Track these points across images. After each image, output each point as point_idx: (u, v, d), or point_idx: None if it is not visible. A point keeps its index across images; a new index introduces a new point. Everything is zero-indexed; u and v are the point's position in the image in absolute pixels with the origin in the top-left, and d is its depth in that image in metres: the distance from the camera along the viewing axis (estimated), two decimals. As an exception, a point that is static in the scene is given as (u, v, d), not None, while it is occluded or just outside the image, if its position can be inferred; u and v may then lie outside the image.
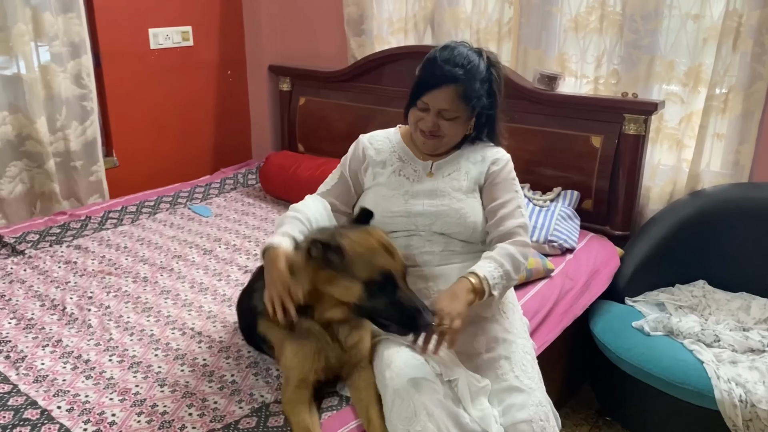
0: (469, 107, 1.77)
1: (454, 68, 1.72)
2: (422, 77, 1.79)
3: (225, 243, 2.67)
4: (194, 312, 2.12)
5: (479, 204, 1.83)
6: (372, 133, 1.97)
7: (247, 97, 3.90)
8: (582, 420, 2.53)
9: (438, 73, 1.74)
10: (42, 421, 1.56)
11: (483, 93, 1.78)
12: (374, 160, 1.89)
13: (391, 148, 1.92)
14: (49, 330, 1.99)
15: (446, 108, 1.75)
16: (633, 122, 2.57)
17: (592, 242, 2.62)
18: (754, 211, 2.46)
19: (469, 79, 1.73)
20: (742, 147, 2.53)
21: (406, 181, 1.86)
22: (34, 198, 3.04)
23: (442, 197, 1.82)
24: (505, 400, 1.63)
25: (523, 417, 1.59)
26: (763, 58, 2.40)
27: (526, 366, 1.71)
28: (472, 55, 1.76)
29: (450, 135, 1.81)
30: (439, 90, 1.73)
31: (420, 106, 1.78)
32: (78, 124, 3.08)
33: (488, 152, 1.89)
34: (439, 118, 1.77)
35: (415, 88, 1.79)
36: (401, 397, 1.52)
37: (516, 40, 2.99)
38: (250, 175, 3.51)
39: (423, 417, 1.48)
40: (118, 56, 3.25)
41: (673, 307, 2.42)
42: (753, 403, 1.94)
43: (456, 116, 1.77)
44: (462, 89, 1.72)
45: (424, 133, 1.81)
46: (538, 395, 1.66)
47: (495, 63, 1.82)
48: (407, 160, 1.89)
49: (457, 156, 1.88)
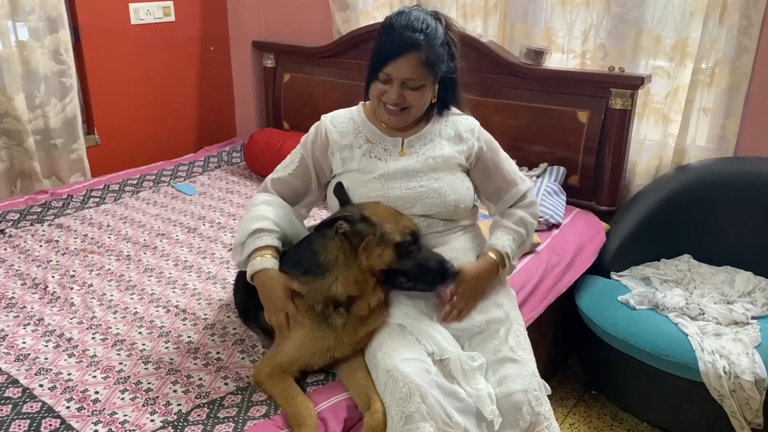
0: (433, 73, 1.68)
1: (414, 33, 1.63)
2: (381, 47, 1.68)
3: (209, 221, 2.64)
4: (178, 290, 2.09)
5: (460, 181, 1.77)
6: (334, 113, 1.86)
7: (231, 74, 3.85)
8: (568, 393, 2.55)
9: (398, 40, 1.64)
10: (24, 399, 1.55)
11: (444, 57, 1.70)
12: (339, 144, 1.79)
13: (356, 129, 1.81)
14: (31, 309, 1.97)
15: (411, 77, 1.65)
16: (619, 97, 2.56)
17: (578, 218, 2.62)
18: (739, 185, 2.47)
19: (430, 43, 1.65)
20: (728, 121, 2.53)
21: (379, 163, 1.76)
22: (14, 176, 2.99)
23: (419, 178, 1.74)
24: (499, 370, 1.63)
25: (518, 387, 1.60)
26: (750, 32, 2.39)
27: (520, 337, 1.72)
28: (429, 19, 1.68)
29: (417, 105, 1.72)
30: (402, 59, 1.64)
31: (382, 78, 1.68)
32: (57, 101, 3.02)
33: (460, 125, 1.81)
34: (404, 88, 1.67)
35: (374, 60, 1.69)
36: (394, 378, 1.51)
37: (502, 15, 2.96)
38: (234, 153, 3.47)
39: (416, 398, 1.47)
40: (97, 31, 3.19)
41: (658, 281, 2.43)
42: (737, 374, 1.96)
43: (421, 84, 1.68)
44: (425, 55, 1.64)
45: (388, 108, 1.72)
46: (531, 366, 1.67)
47: (451, 25, 1.74)
48: (375, 140, 1.79)
49: (428, 131, 1.80)
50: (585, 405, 2.49)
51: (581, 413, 2.44)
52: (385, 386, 1.52)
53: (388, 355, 1.56)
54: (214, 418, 1.50)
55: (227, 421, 1.49)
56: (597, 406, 2.48)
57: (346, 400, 1.58)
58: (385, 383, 1.53)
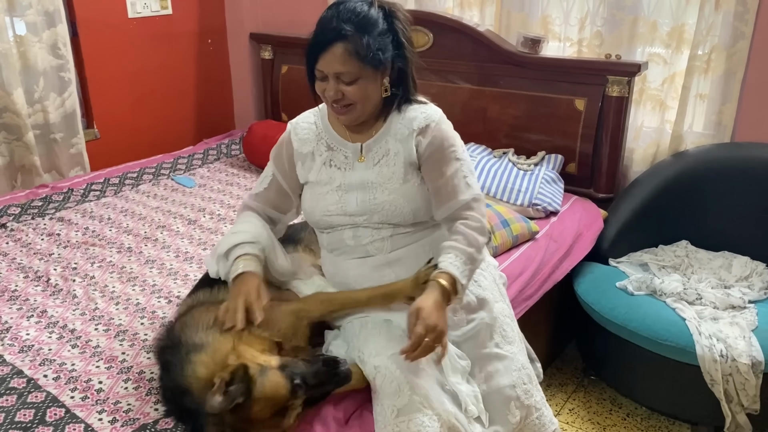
0: (368, 64, 1.54)
1: (341, 24, 1.52)
2: (309, 43, 1.58)
3: (209, 213, 2.66)
4: (179, 280, 2.11)
5: (419, 187, 1.65)
6: (298, 118, 1.77)
7: (229, 66, 3.85)
8: (567, 379, 2.57)
9: (323, 33, 1.55)
10: (29, 390, 1.57)
11: (384, 45, 1.56)
12: (300, 153, 1.71)
13: (317, 136, 1.72)
14: (34, 301, 1.98)
15: (341, 70, 1.54)
16: (616, 84, 2.56)
17: (576, 205, 2.63)
18: (736, 171, 2.48)
19: (358, 32, 1.52)
20: (725, 107, 2.53)
21: (337, 172, 1.68)
22: (15, 171, 3.00)
23: (374, 190, 1.64)
24: (486, 366, 1.63)
25: (506, 383, 1.60)
26: (746, 17, 2.40)
27: (506, 330, 1.70)
28: (360, 7, 1.55)
29: (360, 101, 1.59)
30: (328, 52, 1.53)
31: (318, 76, 1.58)
32: (56, 96, 3.02)
33: (414, 121, 1.65)
34: (340, 83, 1.56)
35: (307, 58, 1.59)
36: (382, 374, 1.51)
37: (499, 3, 2.96)
38: (233, 145, 3.48)
39: (406, 390, 1.48)
40: (95, 25, 3.19)
41: (656, 267, 2.44)
42: (733, 358, 1.98)
43: (356, 78, 1.55)
44: (352, 46, 1.52)
45: (333, 107, 1.62)
46: (520, 359, 1.66)
47: (394, 12, 1.60)
48: (336, 147, 1.69)
49: (384, 132, 1.67)
50: (584, 390, 2.51)
51: (580, 398, 2.47)
52: (374, 380, 1.52)
53: (375, 351, 1.55)
54: (216, 405, 1.52)
55: (230, 408, 1.50)
56: (596, 391, 2.51)
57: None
58: (374, 377, 1.52)
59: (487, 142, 2.85)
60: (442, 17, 2.92)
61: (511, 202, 2.53)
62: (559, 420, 2.34)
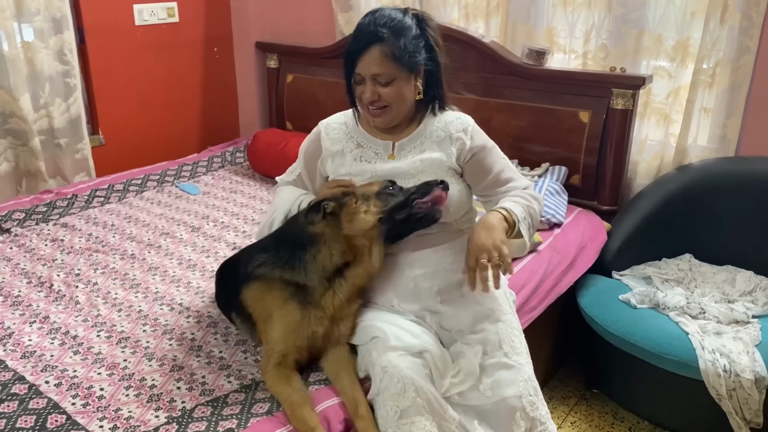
0: (403, 66, 1.65)
1: (378, 28, 1.63)
2: (348, 48, 1.69)
3: (213, 220, 2.66)
4: (182, 288, 2.11)
5: (452, 184, 1.70)
6: (330, 119, 1.88)
7: (234, 75, 3.87)
8: (570, 392, 2.56)
9: (360, 37, 1.66)
10: (30, 396, 1.56)
11: (418, 49, 1.67)
12: (331, 152, 1.81)
13: (348, 135, 1.81)
14: (36, 307, 1.99)
15: (378, 72, 1.64)
16: (621, 97, 2.57)
17: (579, 217, 2.63)
18: (740, 185, 2.47)
19: (394, 35, 1.63)
20: (729, 121, 2.53)
21: (368, 166, 1.77)
22: (20, 176, 3.02)
23: (407, 180, 1.72)
24: (493, 375, 1.63)
25: (512, 393, 1.60)
26: (751, 32, 2.40)
27: (515, 342, 1.70)
28: (395, 14, 1.67)
29: (395, 102, 1.69)
30: (366, 54, 1.64)
31: (356, 80, 1.69)
32: (62, 101, 3.04)
33: (451, 126, 1.76)
34: (376, 85, 1.66)
35: (346, 63, 1.70)
36: (389, 374, 1.52)
37: (504, 15, 2.97)
38: (237, 153, 3.49)
39: (411, 392, 1.49)
40: (102, 32, 3.21)
41: (659, 280, 2.44)
42: (737, 373, 1.97)
43: (392, 79, 1.65)
44: (388, 48, 1.62)
45: (369, 110, 1.71)
46: (527, 370, 1.66)
47: (425, 18, 1.71)
48: (366, 144, 1.79)
49: (418, 133, 1.77)
50: (586, 403, 2.50)
51: (582, 412, 2.45)
52: (380, 382, 1.54)
53: (383, 352, 1.58)
54: (218, 415, 1.52)
55: (231, 418, 1.50)
56: (598, 404, 2.49)
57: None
58: (380, 379, 1.54)
59: (491, 153, 2.85)
60: (448, 28, 2.91)
61: (514, 213, 2.53)
62: (560, 433, 2.33)
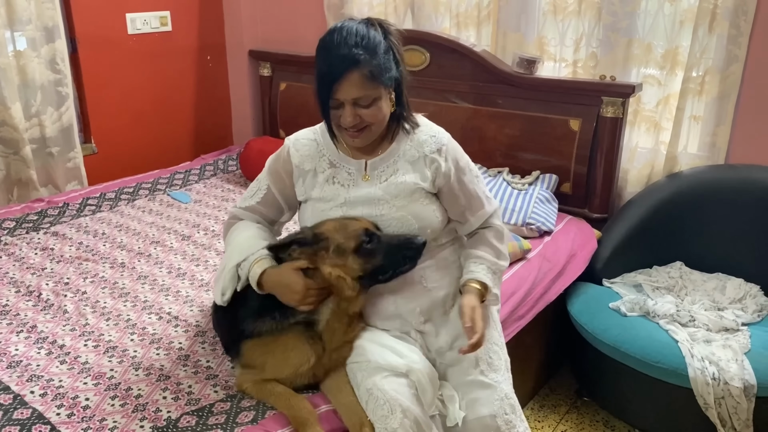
0: (383, 85, 1.56)
1: (351, 50, 1.50)
2: (321, 72, 1.55)
3: (204, 229, 2.66)
4: (171, 297, 2.11)
5: (424, 206, 1.66)
6: (297, 135, 1.75)
7: (228, 83, 3.87)
8: (560, 400, 2.55)
9: (336, 62, 1.51)
10: (14, 406, 1.56)
11: (390, 64, 1.57)
12: (301, 170, 1.70)
13: (319, 153, 1.70)
14: (24, 316, 1.98)
15: (359, 95, 1.53)
16: (611, 105, 2.57)
17: (570, 225, 2.63)
18: (730, 192, 2.48)
19: (369, 54, 1.52)
20: (719, 129, 2.54)
21: (341, 189, 1.67)
22: (11, 185, 3.01)
23: (381, 206, 1.65)
24: (468, 394, 1.62)
25: (487, 412, 1.58)
26: (739, 40, 2.41)
27: (492, 358, 1.67)
28: (362, 29, 1.54)
29: (376, 121, 1.60)
30: (344, 80, 1.51)
31: (333, 105, 1.56)
32: (54, 110, 3.04)
33: (426, 146, 1.67)
34: (357, 107, 1.55)
35: (319, 88, 1.56)
36: (374, 396, 1.51)
37: (495, 24, 2.98)
38: (230, 162, 3.49)
39: (398, 413, 1.48)
40: (94, 41, 3.21)
41: (650, 288, 2.44)
42: (726, 381, 1.97)
43: (374, 99, 1.55)
44: (367, 69, 1.51)
45: (349, 132, 1.60)
46: (504, 388, 1.63)
47: (387, 28, 1.60)
48: (339, 164, 1.69)
49: (391, 152, 1.68)
50: (577, 412, 2.50)
51: (573, 420, 2.45)
52: (366, 404, 1.53)
53: (368, 374, 1.56)
54: (203, 424, 1.51)
55: (216, 427, 1.50)
56: (589, 412, 2.49)
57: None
58: (366, 401, 1.53)
59: (484, 161, 2.86)
60: (439, 37, 2.94)
61: (504, 221, 2.53)
62: (551, 442, 2.32)
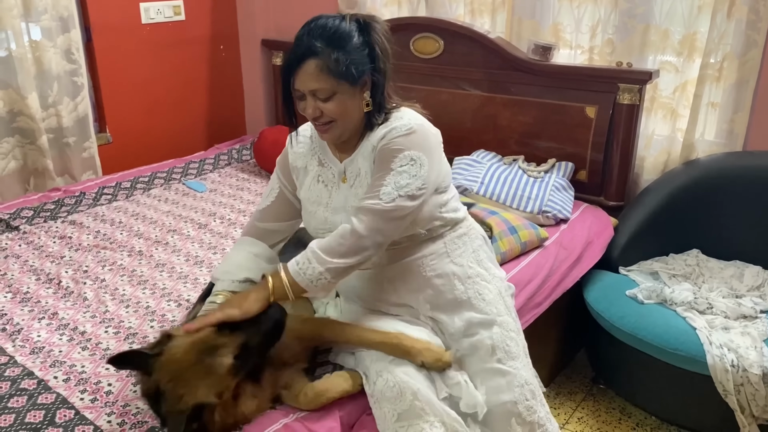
0: (342, 79, 1.51)
1: (312, 41, 1.50)
2: (283, 64, 1.57)
3: (220, 217, 2.67)
4: (189, 284, 2.12)
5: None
6: (300, 128, 1.74)
7: (241, 72, 3.88)
8: (576, 388, 2.56)
9: (297, 51, 1.52)
10: (39, 391, 1.58)
11: (359, 60, 1.53)
12: (295, 167, 1.72)
13: (311, 150, 1.71)
14: (45, 303, 2.00)
15: (315, 87, 1.51)
16: (627, 92, 2.56)
17: (586, 212, 2.62)
18: (748, 179, 2.46)
19: (329, 47, 1.49)
20: (737, 116, 2.52)
21: (324, 191, 1.68)
22: (28, 174, 3.03)
23: None
24: (487, 381, 1.61)
25: (507, 398, 1.58)
26: (758, 26, 2.39)
27: (510, 346, 1.65)
28: (332, 22, 1.52)
29: (340, 117, 1.56)
30: (301, 69, 1.51)
31: (296, 95, 1.56)
32: (70, 100, 3.05)
33: (377, 135, 1.61)
34: (316, 100, 1.53)
35: (282, 79, 1.56)
36: (384, 378, 1.52)
37: (510, 11, 2.96)
38: (244, 151, 3.50)
39: (408, 395, 1.48)
40: (108, 31, 3.22)
41: (666, 276, 2.43)
42: (745, 368, 1.96)
43: (332, 93, 1.52)
44: (323, 61, 1.49)
45: (315, 125, 1.61)
46: (523, 374, 1.63)
47: (370, 24, 1.56)
48: (327, 164, 1.69)
49: (358, 151, 1.65)
50: (593, 399, 2.50)
51: (590, 407, 2.45)
52: (375, 385, 1.53)
53: (377, 357, 1.57)
54: (224, 409, 1.52)
55: (238, 412, 1.51)
56: (605, 400, 2.49)
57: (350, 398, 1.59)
58: (375, 382, 1.53)
59: (498, 149, 2.85)
60: (453, 24, 2.92)
61: (521, 209, 2.53)
62: (567, 429, 2.33)
